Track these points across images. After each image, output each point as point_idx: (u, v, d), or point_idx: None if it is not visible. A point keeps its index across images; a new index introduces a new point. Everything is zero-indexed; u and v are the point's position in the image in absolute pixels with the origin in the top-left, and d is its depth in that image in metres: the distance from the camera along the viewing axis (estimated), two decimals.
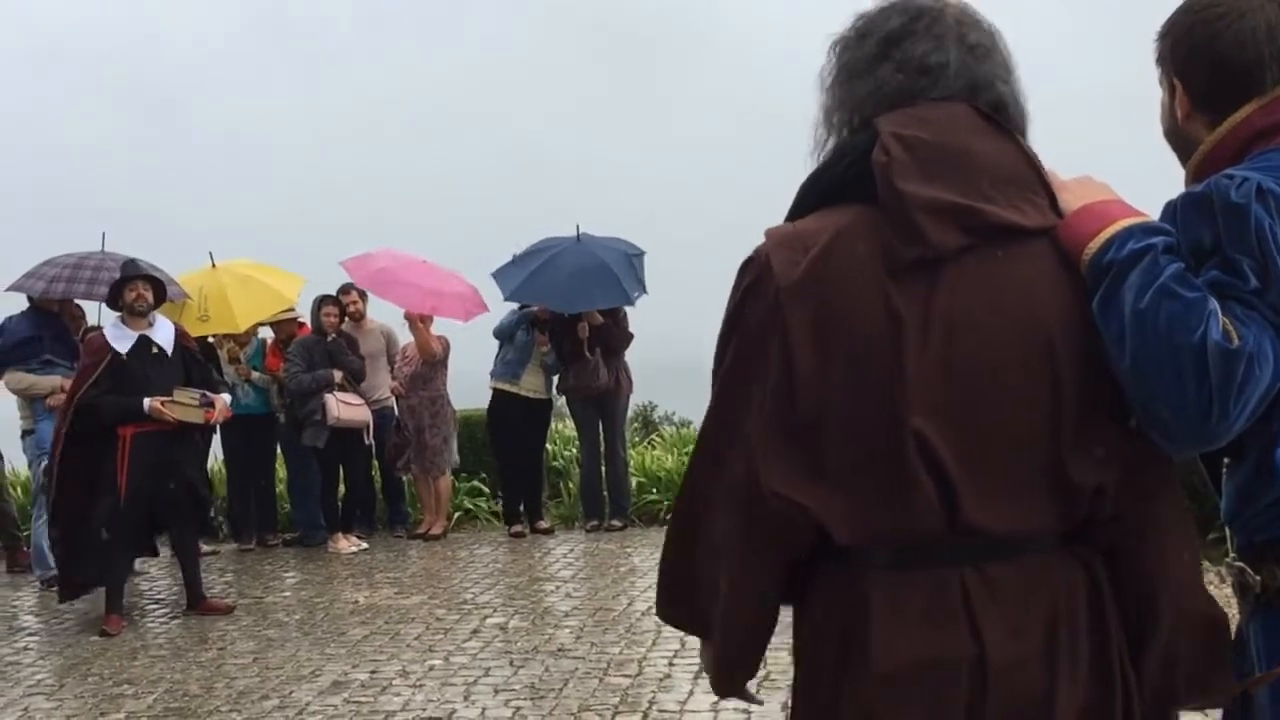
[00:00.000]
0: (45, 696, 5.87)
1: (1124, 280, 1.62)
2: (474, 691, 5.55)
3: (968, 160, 1.70)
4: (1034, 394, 1.66)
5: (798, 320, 1.67)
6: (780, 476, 1.68)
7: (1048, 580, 1.70)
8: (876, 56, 1.79)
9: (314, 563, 9.05)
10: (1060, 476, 1.67)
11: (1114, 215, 1.69)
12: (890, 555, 1.70)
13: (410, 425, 9.74)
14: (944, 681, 1.66)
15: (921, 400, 1.64)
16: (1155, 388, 1.59)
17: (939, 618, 1.66)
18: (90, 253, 8.90)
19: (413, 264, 9.92)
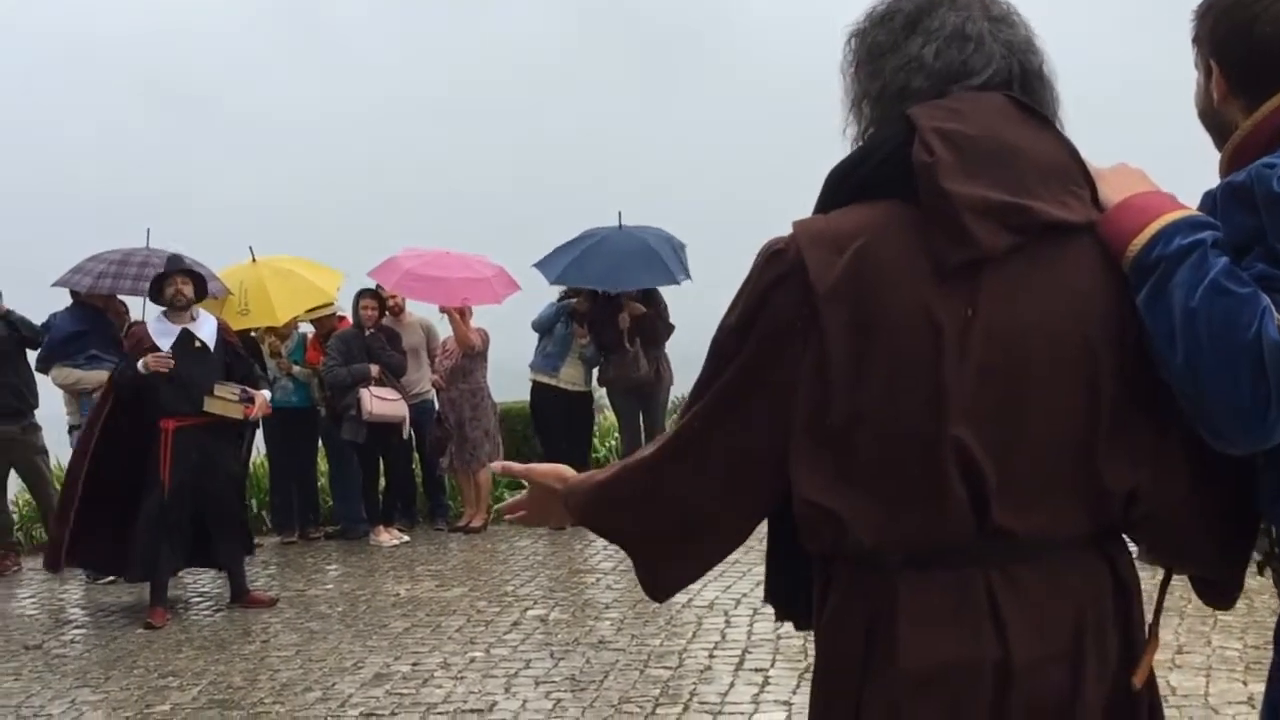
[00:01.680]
0: (91, 689, 5.93)
1: (1172, 277, 1.57)
2: (515, 683, 5.55)
3: (1011, 155, 1.65)
4: (1071, 398, 1.63)
5: (835, 324, 1.62)
6: (811, 483, 1.65)
7: (1073, 580, 1.67)
8: (905, 30, 1.74)
9: (355, 555, 9.09)
10: (1094, 480, 1.65)
11: (1158, 209, 1.64)
12: (916, 556, 1.66)
13: (451, 418, 9.76)
14: (968, 682, 1.64)
15: (959, 406, 1.61)
16: (1209, 387, 1.54)
17: (964, 618, 1.64)
18: (135, 248, 8.99)
19: (437, 258, 9.95)
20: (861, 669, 1.70)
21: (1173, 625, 5.87)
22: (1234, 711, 4.72)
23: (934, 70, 1.71)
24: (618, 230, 9.83)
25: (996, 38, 1.72)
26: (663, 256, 9.49)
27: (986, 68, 1.71)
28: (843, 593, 1.73)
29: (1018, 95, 1.71)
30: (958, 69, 1.71)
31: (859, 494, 1.64)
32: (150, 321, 7.61)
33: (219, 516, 7.42)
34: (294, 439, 9.70)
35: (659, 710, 5.03)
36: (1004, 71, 1.72)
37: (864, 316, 1.62)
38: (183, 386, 7.23)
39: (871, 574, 1.69)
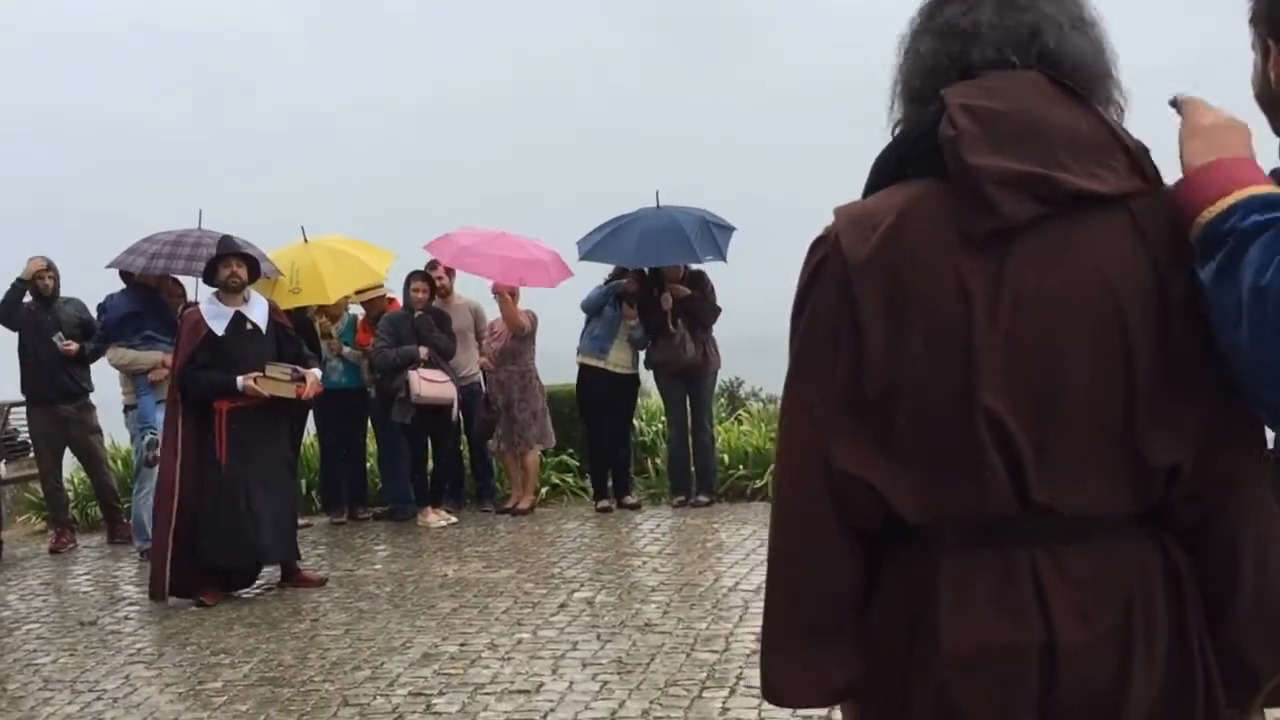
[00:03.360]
0: (145, 665, 6.02)
1: (1244, 253, 1.49)
2: (561, 665, 5.58)
3: (1040, 128, 1.65)
4: (1107, 369, 1.61)
5: (868, 297, 1.65)
6: (848, 454, 1.66)
7: (1122, 562, 1.65)
8: (920, 28, 1.79)
9: (404, 536, 9.17)
10: (1134, 455, 1.62)
11: (1243, 179, 1.56)
12: (960, 535, 1.66)
13: (499, 400, 9.80)
14: (1014, 665, 1.63)
15: (992, 377, 1.61)
16: (1274, 371, 1.48)
17: (1009, 601, 1.63)
18: (189, 229, 9.07)
19: (494, 237, 10.00)
20: (907, 653, 1.69)
21: None
22: None
23: (927, 69, 1.76)
24: (655, 210, 9.82)
25: (996, 28, 1.72)
26: (689, 235, 9.43)
27: (983, 59, 1.72)
28: (890, 578, 1.73)
29: (1055, 74, 1.70)
30: (946, 67, 1.73)
31: (898, 468, 1.65)
32: (203, 304, 7.69)
33: (273, 497, 7.44)
34: (344, 420, 9.79)
35: (705, 694, 5.03)
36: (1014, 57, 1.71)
37: (897, 289, 1.64)
38: (236, 368, 7.30)
39: (918, 556, 1.68)
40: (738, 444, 10.47)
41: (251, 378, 7.28)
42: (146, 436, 8.63)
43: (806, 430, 1.71)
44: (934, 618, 1.66)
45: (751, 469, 10.04)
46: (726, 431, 10.82)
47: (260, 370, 7.35)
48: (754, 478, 9.93)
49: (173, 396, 7.43)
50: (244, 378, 7.27)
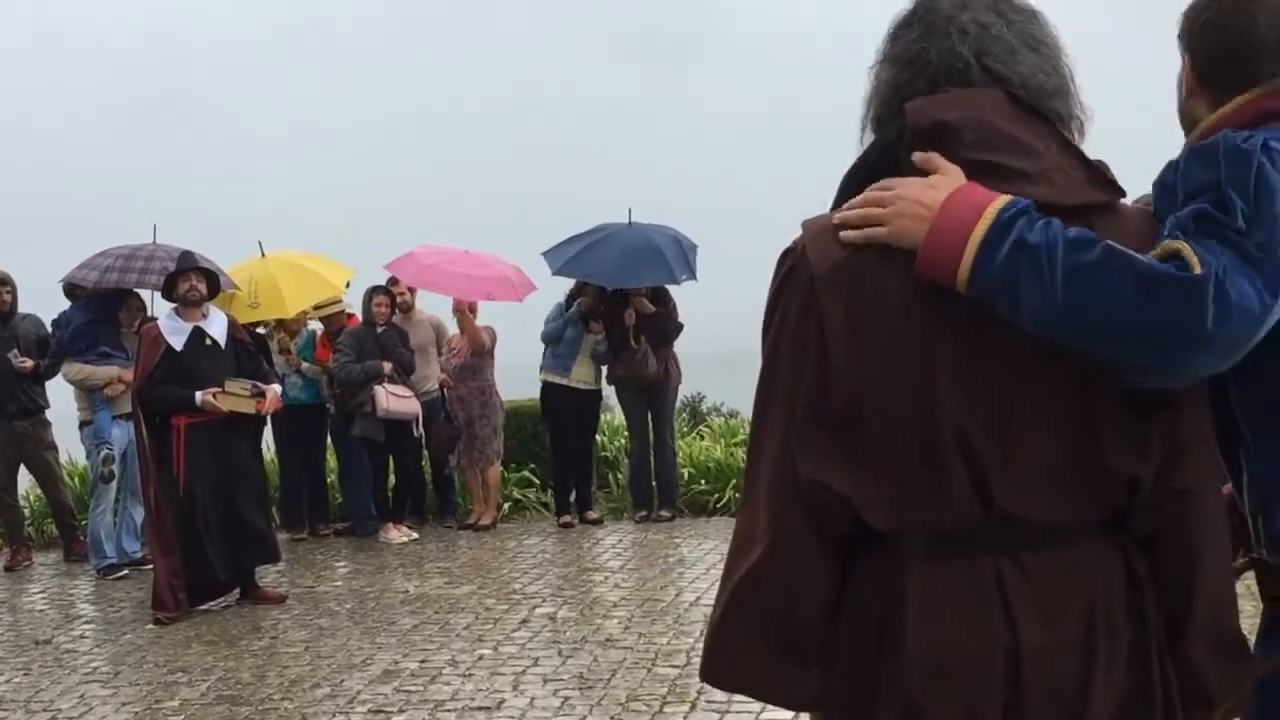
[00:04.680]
0: (101, 684, 5.95)
1: (1044, 280, 1.57)
2: (523, 681, 5.56)
3: (999, 139, 1.69)
4: (1069, 379, 1.64)
5: (833, 307, 1.68)
6: (817, 463, 1.68)
7: (1085, 570, 1.68)
8: (881, 58, 1.84)
9: (365, 552, 9.11)
10: (1096, 465, 1.65)
11: (964, 228, 1.62)
12: (927, 543, 1.68)
13: (460, 416, 9.77)
14: (980, 672, 1.65)
15: (956, 387, 1.64)
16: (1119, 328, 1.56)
17: (974, 608, 1.65)
18: (142, 244, 8.99)
19: (455, 255, 9.97)
20: (874, 660, 1.71)
21: None
22: None
23: (885, 97, 1.82)
24: (627, 227, 9.83)
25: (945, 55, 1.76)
26: (667, 255, 9.46)
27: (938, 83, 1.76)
28: (857, 585, 1.75)
29: (1011, 89, 1.74)
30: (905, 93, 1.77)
31: (865, 476, 1.67)
32: (161, 319, 7.63)
33: (238, 517, 7.37)
34: (303, 436, 9.74)
35: (666, 709, 5.03)
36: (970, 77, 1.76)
37: (860, 298, 1.67)
38: (195, 383, 7.23)
39: (885, 563, 1.71)
40: (700, 459, 10.48)
41: (210, 393, 7.23)
42: (102, 452, 8.56)
43: (779, 439, 1.73)
44: (900, 625, 1.68)
45: (713, 484, 10.04)
46: (688, 446, 10.84)
47: (220, 386, 7.29)
48: (716, 492, 9.94)
49: (137, 414, 7.37)
50: (203, 393, 7.21)
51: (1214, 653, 1.74)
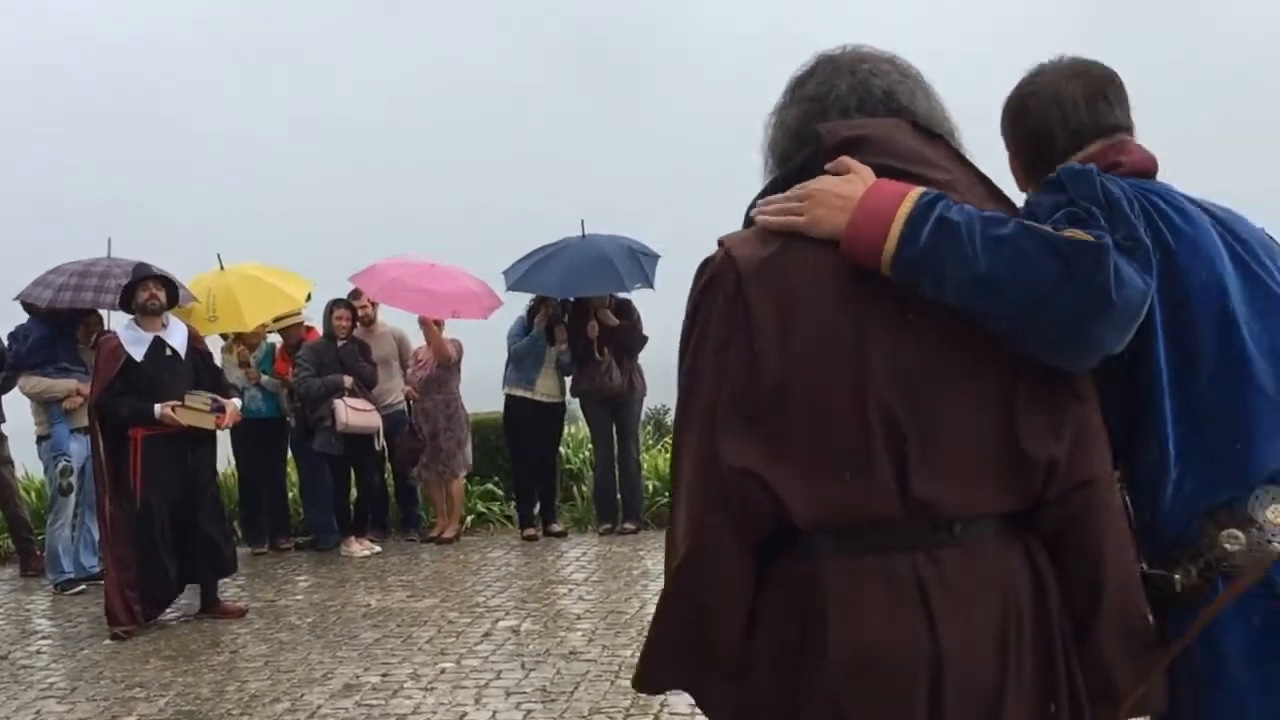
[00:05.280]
0: (57, 700, 5.87)
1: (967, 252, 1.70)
2: (485, 694, 5.53)
3: (909, 157, 1.85)
4: (989, 366, 1.74)
5: (760, 302, 1.75)
6: (742, 453, 1.73)
7: (997, 568, 1.75)
8: (785, 102, 2.01)
9: (326, 566, 9.04)
10: (1014, 450, 1.73)
11: (888, 209, 1.75)
12: (846, 541, 1.73)
13: (425, 429, 9.73)
14: (902, 671, 1.70)
15: (880, 375, 1.71)
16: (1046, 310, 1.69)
17: (895, 608, 1.71)
18: (97, 259, 8.90)
19: (421, 269, 9.90)
20: (796, 664, 1.75)
21: None
22: None
23: (792, 134, 1.98)
24: (581, 239, 9.84)
25: (848, 95, 1.94)
26: (617, 264, 9.46)
27: (844, 116, 1.92)
28: (778, 589, 1.79)
29: (915, 119, 1.92)
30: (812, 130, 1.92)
31: (790, 466, 1.72)
32: (120, 329, 7.53)
33: (194, 529, 7.30)
34: (263, 449, 9.66)
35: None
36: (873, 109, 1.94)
37: (787, 292, 1.76)
38: (155, 394, 7.16)
39: (807, 563, 1.76)
40: (664, 471, 10.45)
41: (170, 406, 7.15)
42: (60, 464, 8.47)
43: (700, 442, 1.79)
44: (823, 628, 1.72)
45: None
46: (653, 458, 10.83)
47: (179, 398, 7.22)
48: None
49: (94, 426, 7.28)
50: (161, 405, 7.13)
51: (1122, 647, 1.81)
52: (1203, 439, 1.95)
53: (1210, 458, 1.95)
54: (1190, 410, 1.96)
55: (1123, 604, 1.81)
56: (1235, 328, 1.96)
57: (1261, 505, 1.93)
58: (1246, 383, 1.95)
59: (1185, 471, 1.96)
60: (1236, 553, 1.92)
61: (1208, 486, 1.95)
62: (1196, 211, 2.04)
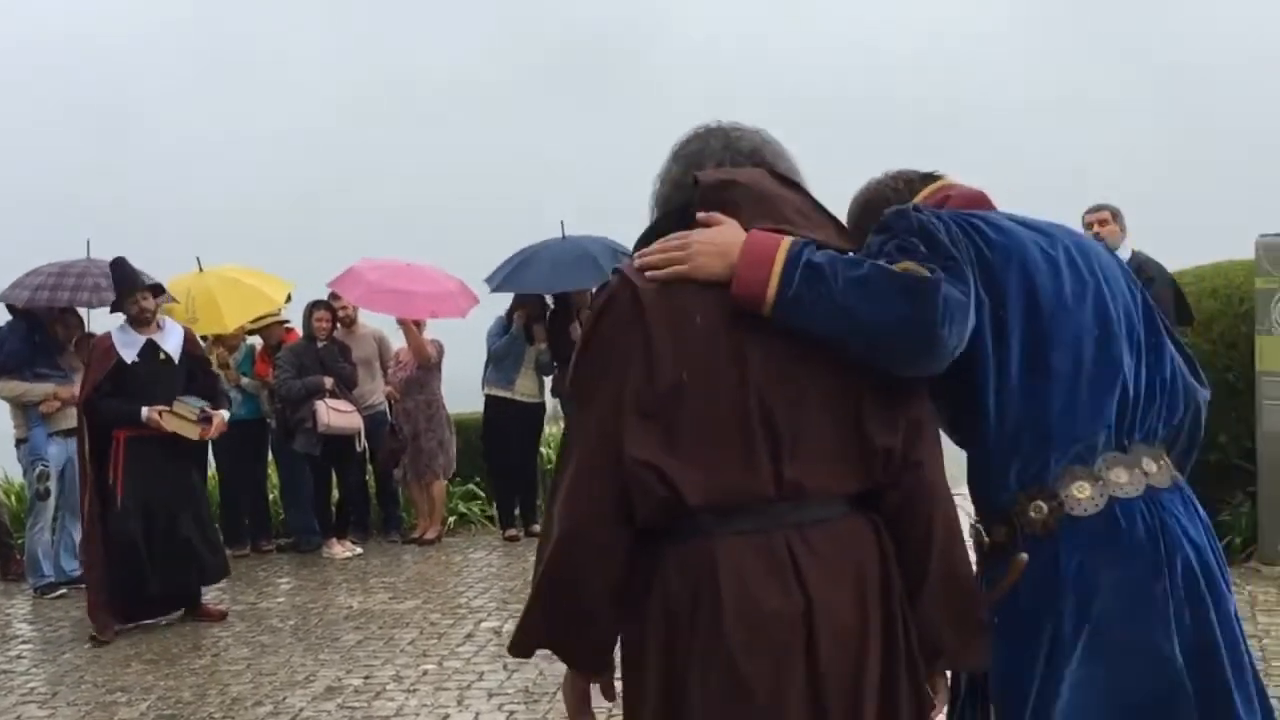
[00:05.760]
0: (38, 705, 5.85)
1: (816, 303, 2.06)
2: (468, 696, 5.53)
3: (771, 199, 2.23)
4: (839, 375, 2.10)
5: (655, 315, 2.08)
6: (640, 445, 2.05)
7: (852, 541, 2.11)
8: (670, 161, 2.39)
9: (308, 568, 9.03)
10: (861, 439, 2.10)
11: (765, 258, 2.09)
12: (730, 520, 2.07)
13: (405, 430, 9.72)
14: (784, 631, 2.02)
15: (757, 380, 2.06)
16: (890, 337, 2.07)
17: (774, 576, 2.04)
18: (74, 260, 8.86)
19: (398, 270, 9.88)
20: (689, 632, 2.06)
21: None
22: None
23: (676, 184, 2.35)
24: (560, 240, 9.85)
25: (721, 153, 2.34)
26: (600, 261, 9.48)
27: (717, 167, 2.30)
28: (669, 569, 2.09)
29: (773, 168, 2.32)
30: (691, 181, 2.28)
31: (682, 455, 2.04)
32: (114, 330, 7.43)
33: (178, 534, 7.22)
34: (244, 451, 9.62)
35: None
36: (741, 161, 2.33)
37: (677, 311, 2.09)
38: (144, 398, 7.10)
39: (697, 542, 2.07)
40: None
41: (157, 410, 7.10)
42: (37, 469, 8.42)
43: (609, 434, 2.08)
44: (714, 593, 2.04)
45: None
46: None
47: (168, 403, 7.17)
48: None
49: (81, 427, 7.22)
50: (149, 409, 7.08)
51: (947, 610, 2.17)
52: (1017, 423, 2.28)
53: (1023, 440, 2.29)
54: (1006, 397, 2.28)
55: (948, 571, 2.16)
56: (1042, 321, 2.29)
57: (1063, 483, 2.27)
58: (1049, 370, 2.28)
59: (1004, 451, 2.30)
60: (1037, 520, 2.28)
61: (1021, 465, 2.29)
62: (1014, 227, 2.38)
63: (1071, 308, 2.32)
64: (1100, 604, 2.23)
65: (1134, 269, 7.06)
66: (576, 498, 2.10)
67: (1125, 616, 2.22)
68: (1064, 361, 2.28)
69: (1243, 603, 6.36)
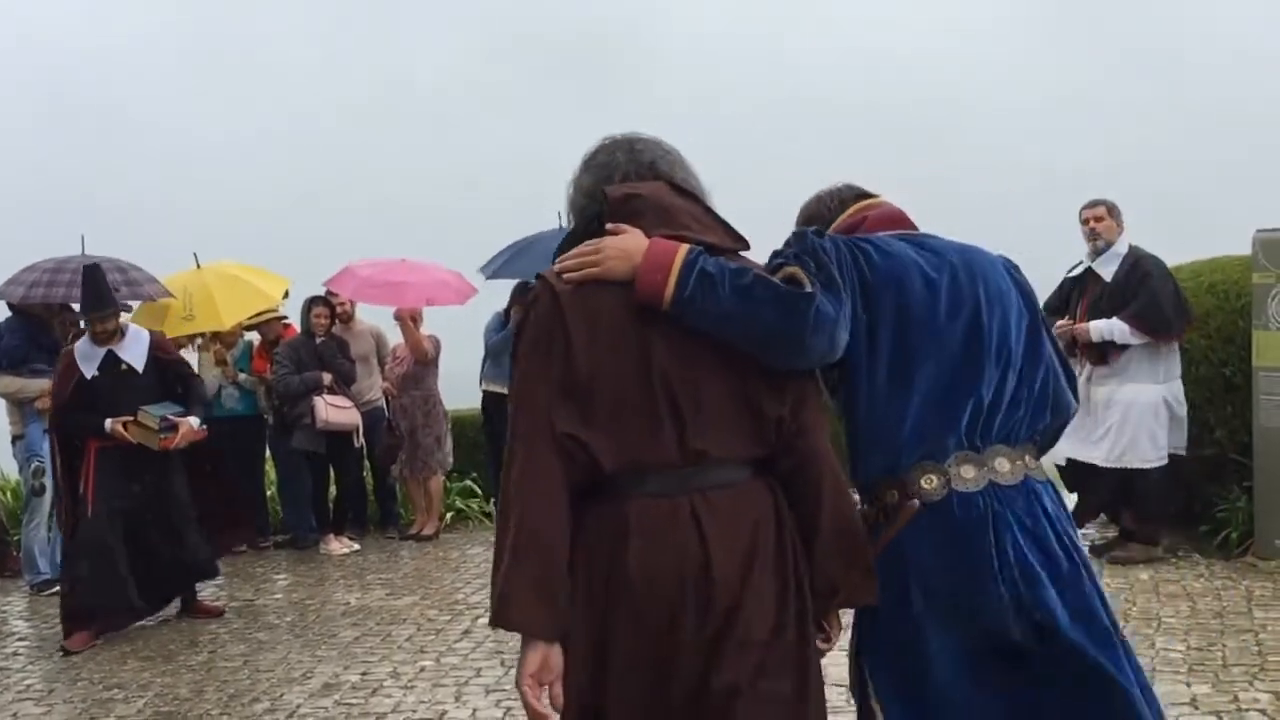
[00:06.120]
0: (34, 702, 5.85)
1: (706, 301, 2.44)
2: (465, 692, 5.54)
3: (670, 209, 2.59)
4: (733, 354, 2.47)
5: (573, 314, 2.45)
6: (567, 421, 2.41)
7: (750, 501, 2.49)
8: (581, 170, 2.76)
9: (305, 565, 9.02)
10: (756, 411, 2.49)
11: (665, 262, 2.47)
12: (641, 484, 2.44)
13: (403, 426, 9.71)
14: (684, 581, 2.40)
15: (663, 360, 2.43)
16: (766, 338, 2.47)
17: (677, 535, 2.41)
18: (70, 256, 8.85)
19: (393, 265, 9.90)
20: (608, 579, 2.43)
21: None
22: (1178, 712, 4.78)
23: (586, 192, 2.71)
24: (556, 230, 9.84)
25: (625, 165, 2.70)
26: None
27: (623, 179, 2.67)
28: (593, 527, 2.45)
29: (672, 181, 2.67)
30: (600, 190, 2.65)
31: (598, 428, 2.42)
32: (79, 344, 7.18)
33: (155, 539, 7.04)
34: (241, 448, 9.61)
35: None
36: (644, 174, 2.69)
37: (592, 308, 2.46)
38: (110, 410, 6.87)
39: (614, 502, 2.44)
40: None
41: (120, 422, 6.84)
42: (33, 465, 8.41)
43: (539, 411, 2.42)
44: (624, 547, 2.41)
45: None
46: None
47: (133, 413, 6.92)
48: None
49: (53, 441, 7.11)
50: (112, 421, 6.82)
51: (839, 556, 2.55)
52: (880, 423, 2.69)
53: (883, 437, 2.69)
54: (873, 402, 2.68)
55: (836, 521, 2.55)
56: (910, 338, 2.67)
57: (913, 475, 2.65)
58: (910, 382, 2.67)
59: (869, 444, 2.72)
60: (890, 504, 2.67)
61: (880, 457, 2.69)
62: (902, 250, 2.75)
63: (942, 326, 2.69)
64: (936, 582, 2.63)
65: (1130, 265, 7.20)
66: (530, 465, 2.42)
67: (957, 588, 2.62)
68: (924, 377, 2.67)
69: (1239, 598, 6.37)
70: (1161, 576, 6.89)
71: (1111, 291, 7.18)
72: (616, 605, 2.41)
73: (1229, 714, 4.77)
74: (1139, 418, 7.04)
